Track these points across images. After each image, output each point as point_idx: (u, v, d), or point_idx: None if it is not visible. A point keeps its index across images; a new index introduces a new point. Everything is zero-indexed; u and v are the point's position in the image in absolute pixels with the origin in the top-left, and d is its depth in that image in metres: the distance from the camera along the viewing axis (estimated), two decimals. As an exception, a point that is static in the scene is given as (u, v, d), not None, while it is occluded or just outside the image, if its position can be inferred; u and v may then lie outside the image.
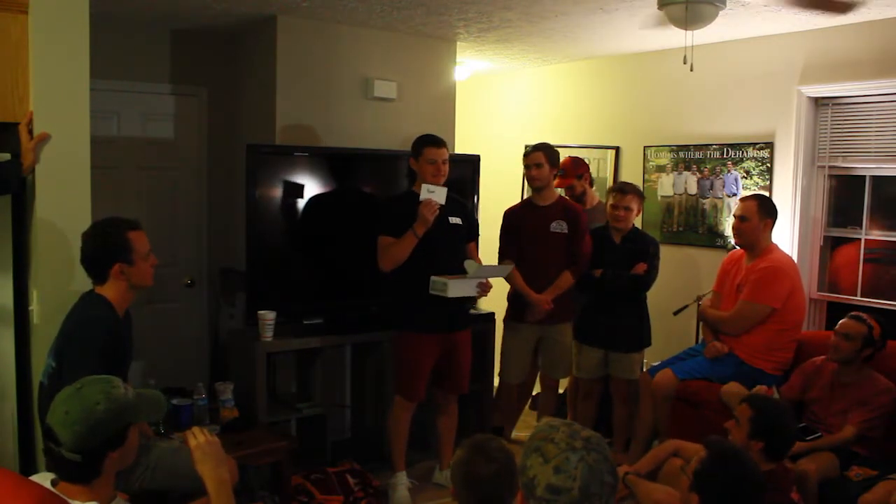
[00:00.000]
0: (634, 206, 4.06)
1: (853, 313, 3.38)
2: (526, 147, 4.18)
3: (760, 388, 3.45)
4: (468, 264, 3.53)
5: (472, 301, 3.87)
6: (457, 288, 3.49)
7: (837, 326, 3.39)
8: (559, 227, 3.98)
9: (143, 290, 2.75)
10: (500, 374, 4.31)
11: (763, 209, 3.75)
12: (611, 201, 4.09)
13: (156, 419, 2.03)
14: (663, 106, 4.87)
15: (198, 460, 2.02)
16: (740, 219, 3.79)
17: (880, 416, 3.22)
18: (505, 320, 4.24)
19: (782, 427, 2.74)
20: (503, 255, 4.13)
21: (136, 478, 2.54)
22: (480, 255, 4.00)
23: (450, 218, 3.66)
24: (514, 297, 4.14)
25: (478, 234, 4.07)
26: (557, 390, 4.41)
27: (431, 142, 3.63)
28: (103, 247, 2.59)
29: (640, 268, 4.01)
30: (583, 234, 4.03)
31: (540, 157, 3.97)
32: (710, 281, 4.13)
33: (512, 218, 4.17)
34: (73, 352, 2.47)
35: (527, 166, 4.02)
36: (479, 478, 1.82)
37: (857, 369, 3.32)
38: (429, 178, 3.59)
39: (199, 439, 2.04)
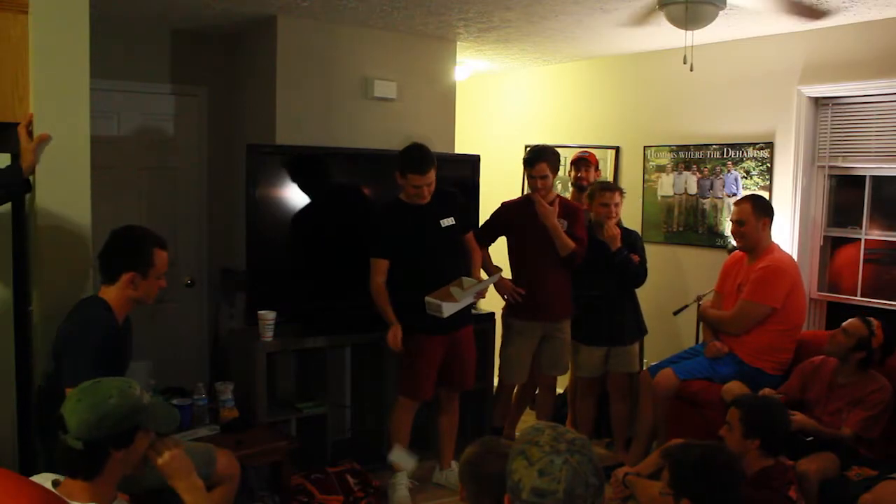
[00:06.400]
0: (621, 202, 4.16)
1: (867, 316, 3.34)
2: (526, 148, 4.09)
3: (766, 392, 3.44)
4: (454, 291, 3.48)
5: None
6: (452, 306, 3.47)
7: (845, 322, 3.37)
8: (561, 224, 3.97)
9: (143, 305, 2.77)
10: (500, 376, 4.23)
11: (758, 209, 3.75)
12: (600, 200, 4.09)
13: (166, 431, 2.04)
14: (663, 106, 4.87)
15: (168, 476, 2.02)
16: (738, 223, 3.78)
17: (876, 416, 3.19)
18: (504, 318, 4.15)
19: (773, 421, 2.74)
20: (478, 239, 3.97)
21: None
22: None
23: (441, 221, 3.65)
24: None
25: (476, 223, 4.05)
26: (555, 390, 4.41)
27: (416, 169, 3.48)
28: (128, 251, 2.61)
29: (634, 258, 4.08)
30: (582, 225, 4.04)
31: (545, 169, 3.89)
32: (710, 281, 4.13)
33: (509, 212, 4.10)
34: (70, 353, 2.48)
35: (531, 177, 3.93)
36: (489, 474, 1.87)
37: (855, 370, 3.30)
38: (412, 200, 3.57)
39: (165, 456, 2.02)
